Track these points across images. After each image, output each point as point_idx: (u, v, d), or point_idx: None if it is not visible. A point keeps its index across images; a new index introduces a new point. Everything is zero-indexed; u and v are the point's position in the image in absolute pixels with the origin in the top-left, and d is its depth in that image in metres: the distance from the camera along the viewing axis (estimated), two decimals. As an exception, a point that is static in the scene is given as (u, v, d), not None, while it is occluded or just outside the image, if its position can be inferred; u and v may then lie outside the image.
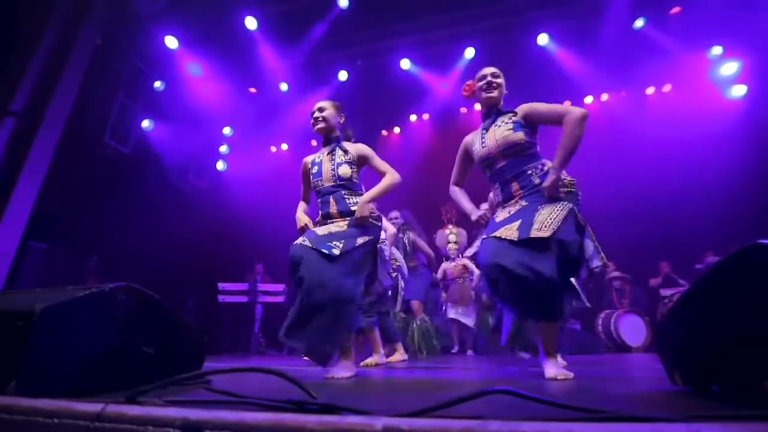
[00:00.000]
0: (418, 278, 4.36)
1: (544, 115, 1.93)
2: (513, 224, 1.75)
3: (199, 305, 6.00)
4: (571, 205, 1.80)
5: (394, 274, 3.63)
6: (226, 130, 7.31)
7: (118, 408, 0.70)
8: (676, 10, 5.51)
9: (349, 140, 2.38)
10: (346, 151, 2.25)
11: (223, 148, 7.50)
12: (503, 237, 1.72)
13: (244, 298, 5.71)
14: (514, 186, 1.91)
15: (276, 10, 5.62)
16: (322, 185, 2.21)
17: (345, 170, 2.18)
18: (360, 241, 2.04)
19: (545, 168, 1.91)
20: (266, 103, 6.79)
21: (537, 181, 1.88)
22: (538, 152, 1.97)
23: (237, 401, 0.78)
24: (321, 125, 2.28)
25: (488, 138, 1.98)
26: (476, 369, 2.59)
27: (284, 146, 7.77)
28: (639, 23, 5.64)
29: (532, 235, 1.67)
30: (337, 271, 1.93)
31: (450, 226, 5.07)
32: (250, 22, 5.68)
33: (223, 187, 7.24)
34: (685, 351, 0.98)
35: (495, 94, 2.02)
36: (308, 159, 2.37)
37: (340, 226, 2.08)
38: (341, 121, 2.35)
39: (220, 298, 5.67)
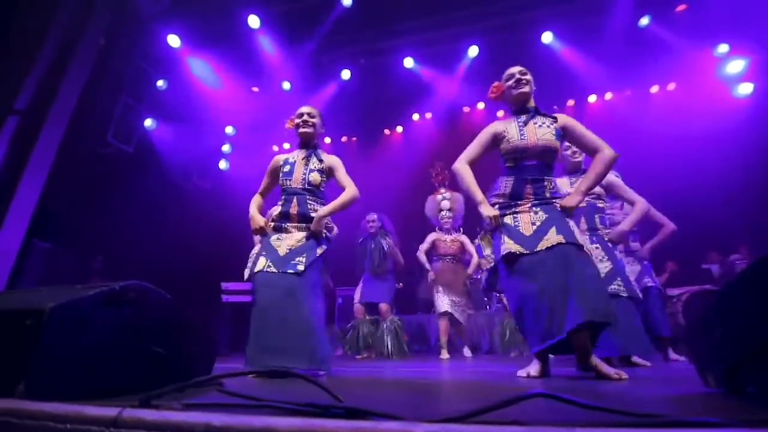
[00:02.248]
0: (384, 282, 4.30)
1: (579, 138, 2.05)
2: (550, 232, 1.86)
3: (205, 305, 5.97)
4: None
5: None
6: (229, 129, 7.28)
7: (135, 413, 0.66)
8: (682, 7, 5.46)
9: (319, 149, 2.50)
10: (321, 160, 2.37)
11: (226, 148, 7.47)
12: (544, 248, 1.84)
13: (248, 298, 5.67)
14: (528, 189, 1.96)
15: (279, 9, 5.59)
16: (290, 185, 2.32)
17: (315, 177, 2.31)
18: (319, 251, 2.19)
19: (555, 187, 2.03)
20: (269, 102, 6.76)
21: (548, 195, 1.97)
22: (552, 168, 2.07)
23: (257, 405, 0.75)
24: (309, 130, 2.39)
25: (528, 132, 2.01)
26: (487, 371, 2.55)
27: (286, 145, 7.74)
28: (644, 21, 5.59)
29: (579, 242, 1.85)
30: (303, 286, 2.06)
31: (442, 190, 4.42)
32: (253, 21, 5.65)
33: (226, 186, 7.21)
34: (720, 352, 0.94)
35: (527, 89, 2.08)
36: (281, 157, 2.47)
37: (298, 239, 2.20)
38: (321, 132, 2.48)
39: (224, 297, 5.63)
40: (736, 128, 5.31)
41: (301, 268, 2.08)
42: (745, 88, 5.59)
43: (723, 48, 5.58)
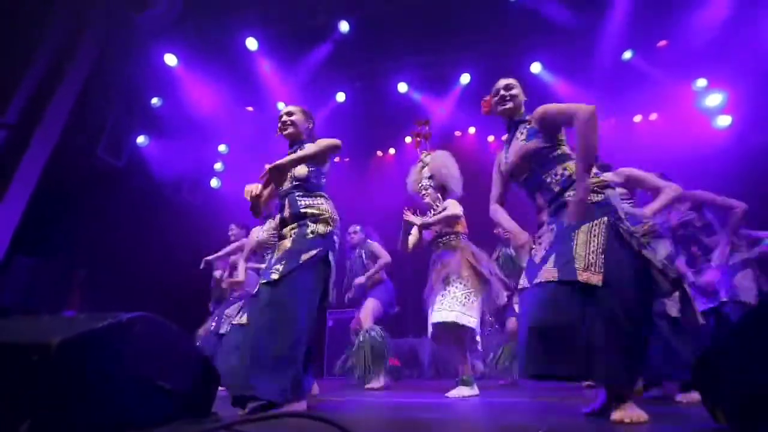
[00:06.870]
0: (383, 292, 4.04)
1: (556, 118, 1.77)
2: (550, 261, 1.54)
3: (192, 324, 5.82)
4: (606, 218, 1.54)
5: None
6: (222, 148, 7.26)
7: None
8: (662, 43, 5.76)
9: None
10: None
11: (218, 166, 7.43)
12: (542, 281, 1.51)
13: (236, 319, 5.54)
14: (539, 199, 1.82)
15: (277, 31, 5.69)
16: (281, 188, 2.16)
17: (301, 170, 2.13)
18: (304, 257, 1.91)
19: (565, 172, 1.72)
20: (263, 122, 6.79)
21: (557, 189, 1.72)
22: (559, 155, 1.78)
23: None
24: (290, 130, 2.23)
25: (511, 150, 1.94)
26: (489, 400, 2.50)
27: (279, 165, 7.74)
28: (627, 55, 5.86)
29: (579, 279, 1.42)
30: (275, 299, 1.81)
31: (423, 154, 3.34)
32: (251, 43, 5.73)
33: (217, 204, 7.14)
34: (736, 387, 0.96)
35: (509, 105, 1.98)
36: None
37: (287, 245, 1.99)
38: (309, 127, 2.30)
39: (212, 319, 5.48)
40: (715, 158, 5.51)
41: (275, 276, 1.85)
42: (724, 120, 5.84)
43: (701, 82, 5.86)
